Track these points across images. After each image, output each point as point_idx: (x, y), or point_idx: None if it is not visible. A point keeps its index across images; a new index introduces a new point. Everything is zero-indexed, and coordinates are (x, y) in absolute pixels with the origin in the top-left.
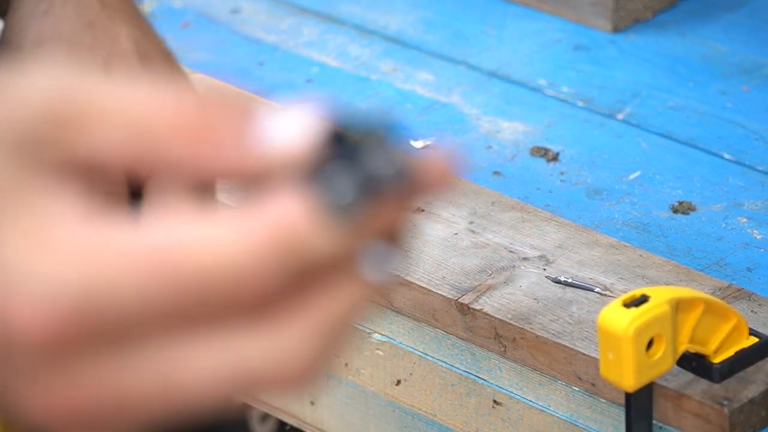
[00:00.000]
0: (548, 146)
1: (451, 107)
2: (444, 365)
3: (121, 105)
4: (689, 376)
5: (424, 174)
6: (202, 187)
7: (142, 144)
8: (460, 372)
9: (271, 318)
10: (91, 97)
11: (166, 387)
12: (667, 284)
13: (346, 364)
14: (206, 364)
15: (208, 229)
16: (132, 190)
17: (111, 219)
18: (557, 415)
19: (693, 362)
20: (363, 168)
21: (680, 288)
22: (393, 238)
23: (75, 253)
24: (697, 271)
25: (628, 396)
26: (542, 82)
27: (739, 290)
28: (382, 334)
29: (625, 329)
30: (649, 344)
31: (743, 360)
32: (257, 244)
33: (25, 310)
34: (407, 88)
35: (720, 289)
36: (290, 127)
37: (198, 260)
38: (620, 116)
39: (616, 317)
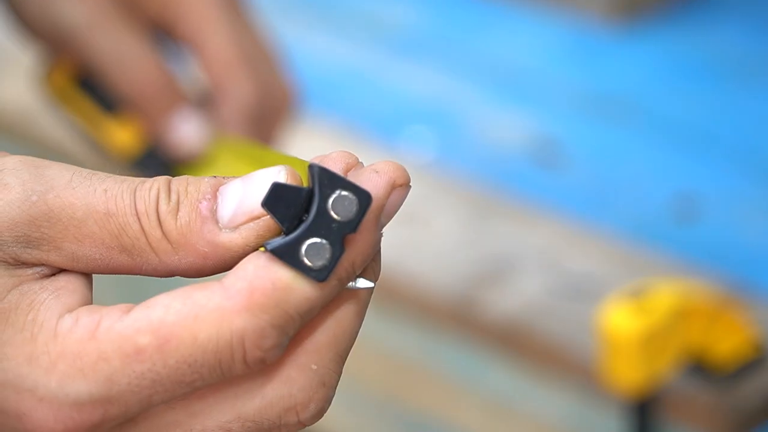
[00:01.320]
0: (549, 145)
1: (451, 107)
2: (444, 365)
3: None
4: (692, 381)
5: (380, 198)
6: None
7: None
8: (461, 372)
9: (272, 369)
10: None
11: None
12: (670, 285)
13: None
14: (219, 429)
15: (195, 307)
16: None
17: (97, 314)
18: (558, 415)
19: (696, 367)
20: (329, 221)
21: (684, 291)
22: (367, 265)
23: (78, 363)
24: (701, 271)
25: (632, 400)
26: (543, 80)
27: (744, 292)
28: (382, 332)
29: (629, 334)
30: (653, 348)
31: (747, 366)
32: (242, 314)
33: (46, 424)
34: (407, 88)
35: (724, 291)
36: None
37: (187, 340)
38: (623, 114)
39: (621, 321)
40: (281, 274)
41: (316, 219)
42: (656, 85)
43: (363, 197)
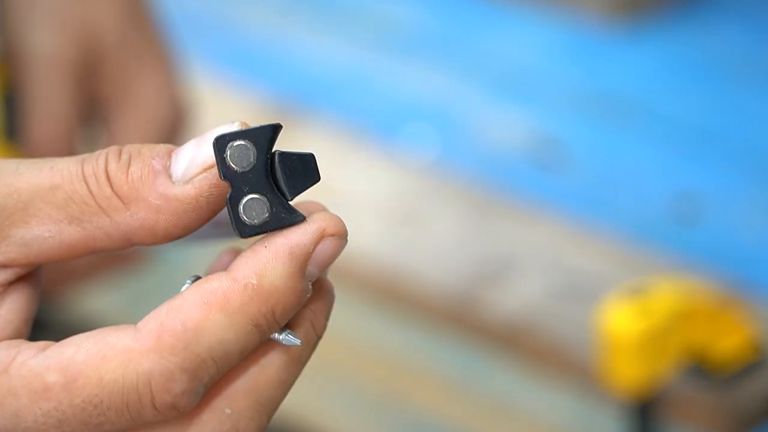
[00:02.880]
0: (549, 145)
1: (451, 107)
2: (444, 365)
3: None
4: (693, 381)
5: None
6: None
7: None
8: (461, 372)
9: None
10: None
11: None
12: (670, 284)
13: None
14: None
15: (106, 347)
16: None
17: (15, 349)
18: (558, 416)
19: (697, 368)
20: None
21: (685, 292)
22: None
23: None
24: (702, 271)
25: (632, 401)
26: (543, 80)
27: (744, 292)
28: (382, 332)
29: (630, 334)
30: (653, 349)
31: (747, 367)
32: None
33: None
34: (407, 88)
35: (724, 291)
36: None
37: (93, 380)
38: (623, 114)
39: (621, 322)
40: (193, 315)
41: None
42: (657, 85)
43: (261, 137)
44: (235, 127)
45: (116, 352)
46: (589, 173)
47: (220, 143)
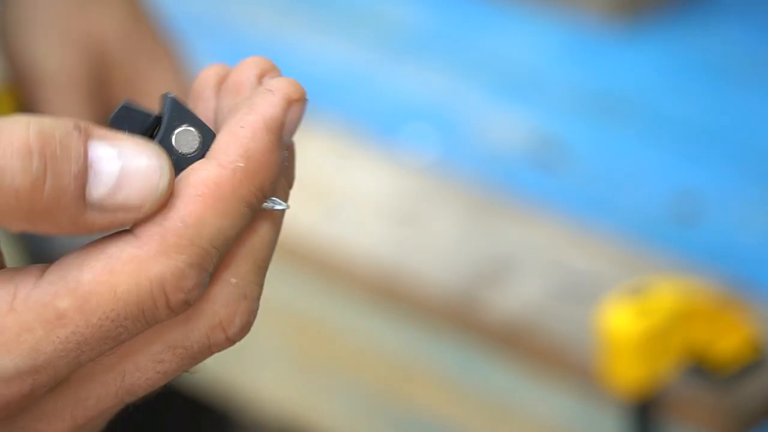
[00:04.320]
0: (549, 145)
1: (452, 107)
2: (444, 365)
3: None
4: (693, 381)
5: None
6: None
7: None
8: (461, 372)
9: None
10: None
11: (122, 393)
12: (671, 284)
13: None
14: (152, 363)
15: (105, 263)
16: None
17: (11, 284)
18: (558, 416)
19: (697, 368)
20: (170, 151)
21: (685, 292)
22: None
23: (0, 339)
24: (702, 271)
25: (632, 401)
26: (543, 80)
27: (745, 292)
28: (381, 332)
29: (630, 334)
30: (653, 349)
31: (748, 367)
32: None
33: None
34: (407, 88)
35: (725, 291)
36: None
37: (106, 296)
38: (623, 114)
39: (621, 322)
40: (190, 209)
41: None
42: (657, 85)
43: (208, 136)
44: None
45: (123, 263)
46: (589, 173)
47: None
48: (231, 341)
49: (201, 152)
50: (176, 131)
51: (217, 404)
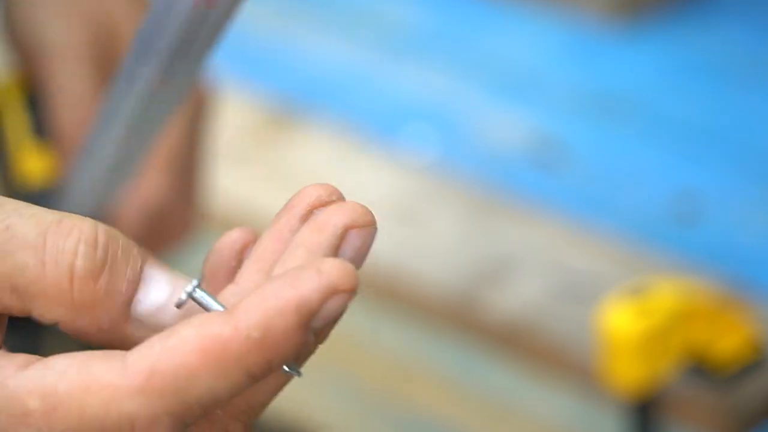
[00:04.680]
0: (549, 145)
1: (452, 107)
2: (444, 365)
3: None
4: (693, 381)
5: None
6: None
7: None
8: (461, 372)
9: None
10: None
11: None
12: (671, 284)
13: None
14: None
15: (94, 374)
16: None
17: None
18: (558, 416)
19: (697, 368)
20: None
21: (685, 292)
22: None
23: None
24: (703, 271)
25: (632, 401)
26: (543, 80)
27: (745, 292)
28: (382, 332)
29: (630, 334)
30: (654, 349)
31: (748, 367)
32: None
33: None
34: (407, 88)
35: (725, 291)
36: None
37: (74, 413)
38: (624, 114)
39: (622, 322)
40: (187, 361)
41: None
42: (657, 85)
43: None
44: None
45: (100, 387)
46: (589, 173)
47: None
48: None
49: None
50: None
51: None
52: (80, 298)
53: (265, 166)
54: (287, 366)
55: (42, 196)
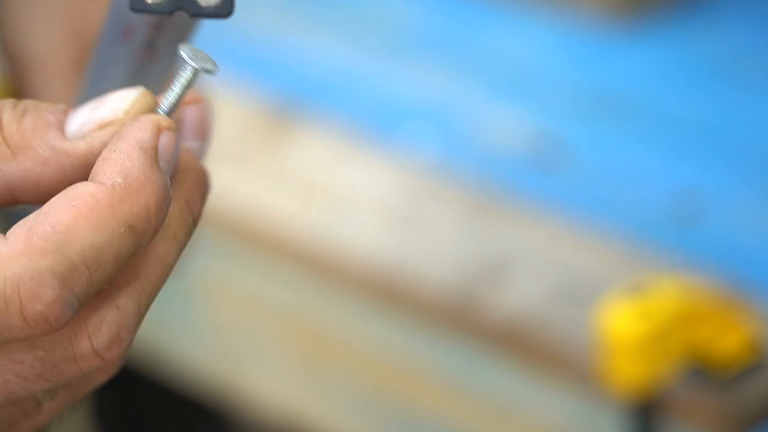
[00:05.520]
0: (550, 145)
1: (452, 107)
2: (444, 366)
3: None
4: (694, 383)
5: None
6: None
7: None
8: (461, 373)
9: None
10: None
11: None
12: (671, 284)
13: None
14: (10, 362)
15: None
16: None
17: None
18: (558, 417)
19: (698, 369)
20: None
21: (686, 292)
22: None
23: None
24: (703, 271)
25: (633, 402)
26: (544, 80)
27: (746, 293)
28: (381, 333)
29: (631, 335)
30: (654, 350)
31: (749, 368)
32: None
33: None
34: (407, 88)
35: (726, 292)
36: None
37: None
38: (624, 114)
39: (622, 323)
40: (62, 217)
41: None
42: (658, 85)
43: None
44: None
45: None
46: (589, 173)
47: None
48: (99, 355)
49: (222, 6)
50: None
51: (217, 405)
52: (13, 141)
53: (264, 166)
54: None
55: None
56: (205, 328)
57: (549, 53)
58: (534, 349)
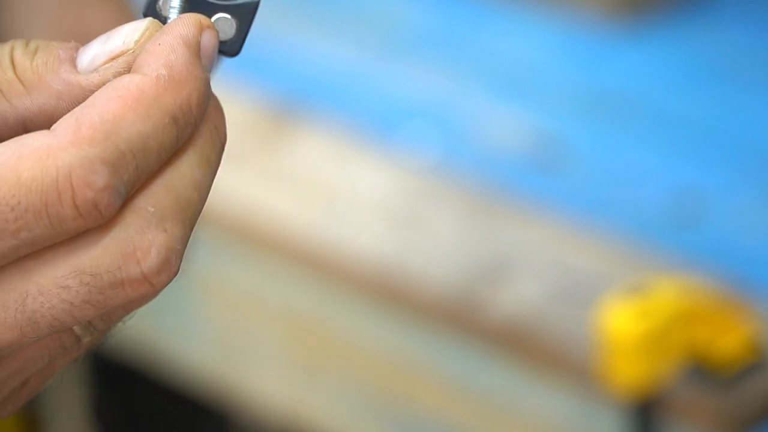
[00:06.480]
0: (550, 145)
1: (452, 107)
2: (444, 366)
3: None
4: (694, 382)
5: None
6: None
7: None
8: (461, 373)
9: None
10: None
11: (22, 320)
12: (671, 284)
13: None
14: (56, 288)
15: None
16: None
17: None
18: (558, 417)
19: (698, 369)
20: None
21: (686, 292)
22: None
23: None
24: (703, 272)
25: (633, 402)
26: (544, 80)
27: (746, 292)
28: (382, 333)
29: (631, 335)
30: (654, 350)
31: (749, 368)
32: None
33: None
34: (407, 88)
35: (726, 292)
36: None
37: (10, 180)
38: (624, 114)
39: (622, 322)
40: (109, 107)
41: None
42: (658, 85)
43: (243, 14)
44: None
45: (32, 150)
46: (589, 173)
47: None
48: (148, 280)
49: (232, 44)
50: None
51: (217, 405)
52: (26, 77)
53: (264, 166)
54: (222, 49)
55: None
56: (205, 328)
57: (549, 53)
58: (534, 349)
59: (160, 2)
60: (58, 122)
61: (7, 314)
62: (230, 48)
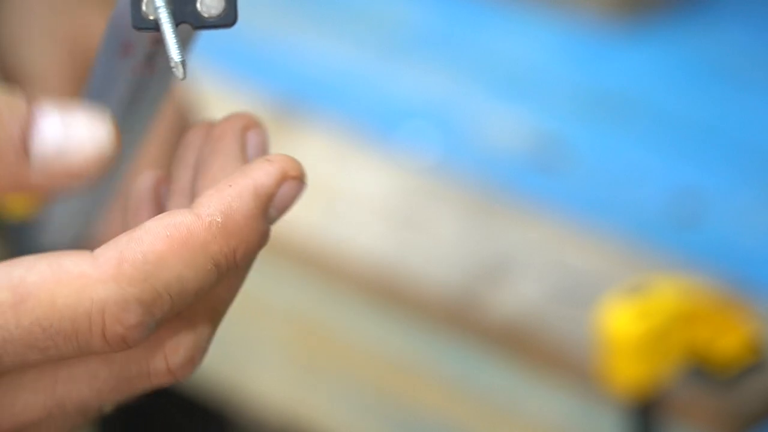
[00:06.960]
0: (550, 145)
1: (452, 107)
2: (444, 366)
3: None
4: (694, 383)
5: None
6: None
7: None
8: (461, 373)
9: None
10: None
11: (51, 404)
12: (671, 283)
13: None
14: (87, 376)
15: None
16: None
17: None
18: (558, 417)
19: (698, 369)
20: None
21: (687, 292)
22: None
23: None
24: (703, 272)
25: (633, 402)
26: (544, 80)
27: (746, 293)
28: (382, 333)
29: (631, 335)
30: (654, 350)
31: (749, 368)
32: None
33: None
34: (407, 88)
35: (726, 292)
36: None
37: (45, 303)
38: (624, 114)
39: (622, 322)
40: (155, 247)
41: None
42: (658, 85)
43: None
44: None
45: (72, 277)
46: (589, 173)
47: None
48: (172, 373)
49: (226, 16)
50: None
51: (216, 405)
52: None
53: None
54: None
55: (23, 226)
56: None
57: (549, 53)
58: (534, 349)
59: (144, 6)
60: (103, 249)
61: (37, 398)
62: (224, 20)
